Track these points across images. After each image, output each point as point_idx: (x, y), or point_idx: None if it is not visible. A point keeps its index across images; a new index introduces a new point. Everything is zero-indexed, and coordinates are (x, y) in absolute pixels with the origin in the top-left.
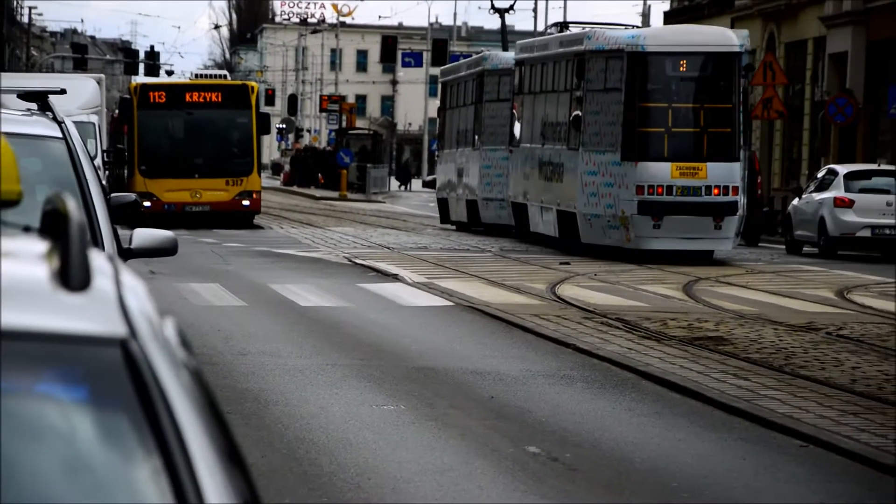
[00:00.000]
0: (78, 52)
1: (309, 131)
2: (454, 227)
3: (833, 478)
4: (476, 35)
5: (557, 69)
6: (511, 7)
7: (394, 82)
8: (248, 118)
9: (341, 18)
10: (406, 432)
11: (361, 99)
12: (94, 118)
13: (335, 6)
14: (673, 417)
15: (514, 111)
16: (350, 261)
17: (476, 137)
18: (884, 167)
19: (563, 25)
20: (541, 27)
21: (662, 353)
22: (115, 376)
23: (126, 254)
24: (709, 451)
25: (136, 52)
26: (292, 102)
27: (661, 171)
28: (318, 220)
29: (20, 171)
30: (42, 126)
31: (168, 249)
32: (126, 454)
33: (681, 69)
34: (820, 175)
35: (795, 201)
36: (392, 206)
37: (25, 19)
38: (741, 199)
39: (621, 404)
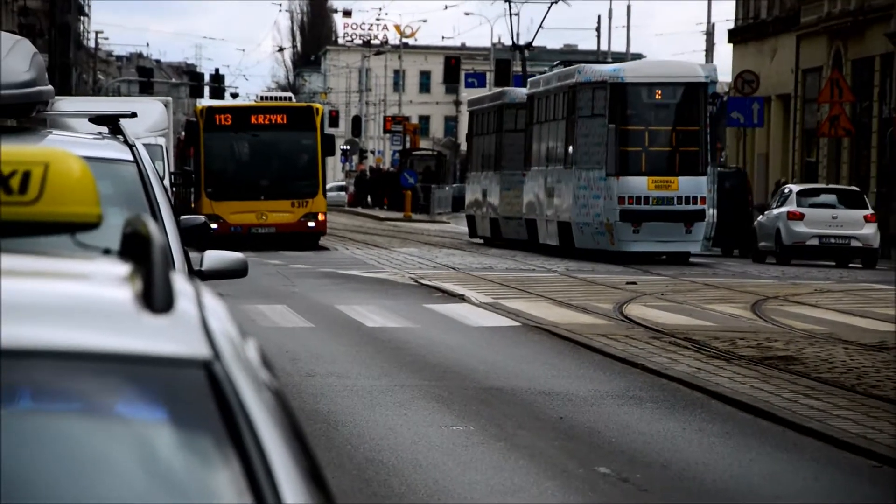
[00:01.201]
0: (144, 75)
1: (373, 152)
2: (482, 241)
3: None
4: (539, 55)
5: (557, 100)
6: (529, 45)
7: (457, 103)
8: (312, 140)
9: (404, 40)
10: (475, 453)
11: (425, 120)
12: (161, 140)
13: (398, 27)
14: (743, 438)
15: (527, 139)
16: (416, 281)
17: (497, 162)
18: (832, 186)
19: (566, 63)
20: (604, 47)
21: (732, 373)
22: (198, 397)
23: (197, 276)
24: (780, 471)
25: (201, 76)
26: (356, 124)
27: (639, 185)
28: (382, 241)
29: None
30: (113, 149)
31: (239, 271)
32: (210, 474)
33: (655, 97)
34: (783, 193)
35: (760, 217)
36: (457, 226)
37: (92, 44)
38: (709, 209)
39: (691, 424)
